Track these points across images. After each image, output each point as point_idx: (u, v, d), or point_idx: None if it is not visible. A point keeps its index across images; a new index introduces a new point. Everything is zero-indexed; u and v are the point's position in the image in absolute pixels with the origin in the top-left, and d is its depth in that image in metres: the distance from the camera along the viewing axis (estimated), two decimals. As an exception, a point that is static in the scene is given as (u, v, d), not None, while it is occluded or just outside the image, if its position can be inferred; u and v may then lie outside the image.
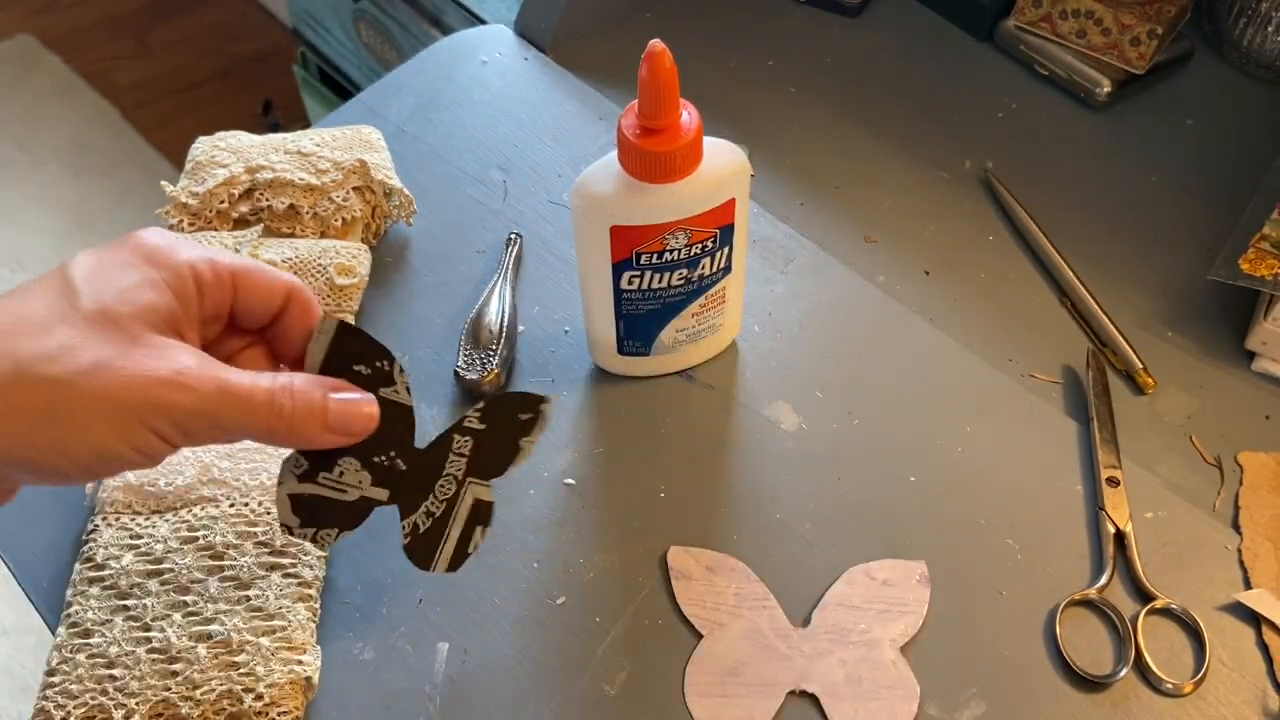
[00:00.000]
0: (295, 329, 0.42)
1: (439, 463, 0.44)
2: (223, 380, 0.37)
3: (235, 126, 0.65)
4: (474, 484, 0.45)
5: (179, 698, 0.44)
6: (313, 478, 0.42)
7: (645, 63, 0.45)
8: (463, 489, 0.44)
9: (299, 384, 0.40)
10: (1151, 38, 0.70)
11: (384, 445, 0.43)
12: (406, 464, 0.43)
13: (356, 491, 0.43)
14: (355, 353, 0.42)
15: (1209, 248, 0.65)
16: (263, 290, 0.41)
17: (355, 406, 0.41)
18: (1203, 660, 0.48)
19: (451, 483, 0.44)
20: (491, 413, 0.44)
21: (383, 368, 0.42)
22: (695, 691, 0.47)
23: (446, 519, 0.45)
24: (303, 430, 0.40)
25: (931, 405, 0.57)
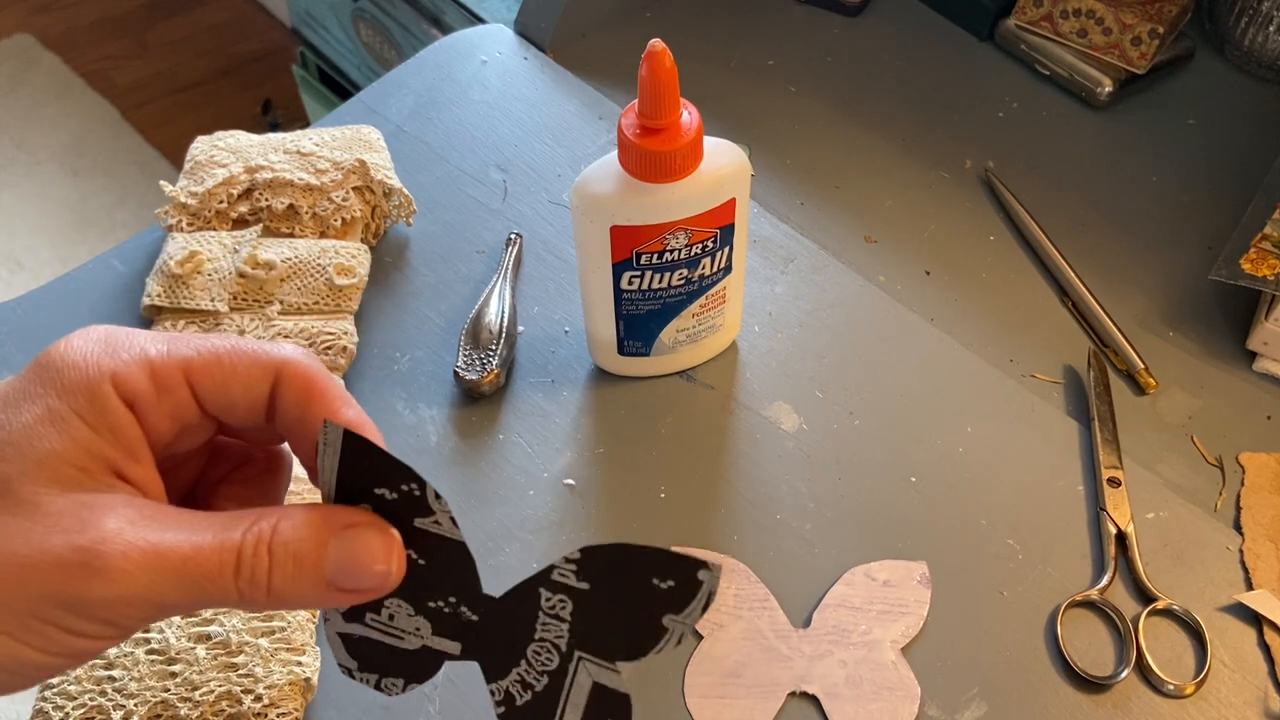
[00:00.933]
0: (300, 422, 0.32)
1: (526, 621, 0.34)
2: (157, 549, 0.27)
3: (235, 126, 0.65)
4: (588, 662, 0.33)
5: (178, 699, 0.44)
6: (359, 618, 0.34)
7: (645, 62, 0.45)
8: (571, 665, 0.34)
9: (284, 529, 0.29)
10: (1153, 37, 0.70)
11: (437, 589, 0.33)
12: (478, 614, 0.34)
13: (417, 640, 0.34)
14: (373, 472, 0.32)
15: (1210, 247, 0.65)
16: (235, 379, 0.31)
17: (368, 548, 0.30)
18: (1204, 661, 0.48)
19: (550, 652, 0.34)
20: (598, 569, 0.32)
21: (412, 491, 0.32)
22: (695, 693, 0.47)
23: (555, 699, 0.34)
24: (291, 596, 0.30)
25: (932, 405, 0.57)
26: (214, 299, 0.56)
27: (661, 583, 0.32)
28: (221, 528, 0.29)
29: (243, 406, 0.31)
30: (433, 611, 0.33)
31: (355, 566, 0.30)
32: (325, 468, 0.31)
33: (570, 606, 0.33)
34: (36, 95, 1.85)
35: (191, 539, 0.28)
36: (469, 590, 0.33)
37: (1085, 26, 0.72)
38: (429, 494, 0.32)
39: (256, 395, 0.31)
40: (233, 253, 0.57)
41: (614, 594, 0.32)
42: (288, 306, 0.56)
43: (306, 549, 0.29)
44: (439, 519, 0.32)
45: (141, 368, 0.29)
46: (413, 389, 0.56)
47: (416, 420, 0.55)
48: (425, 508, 0.32)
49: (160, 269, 0.57)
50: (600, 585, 0.32)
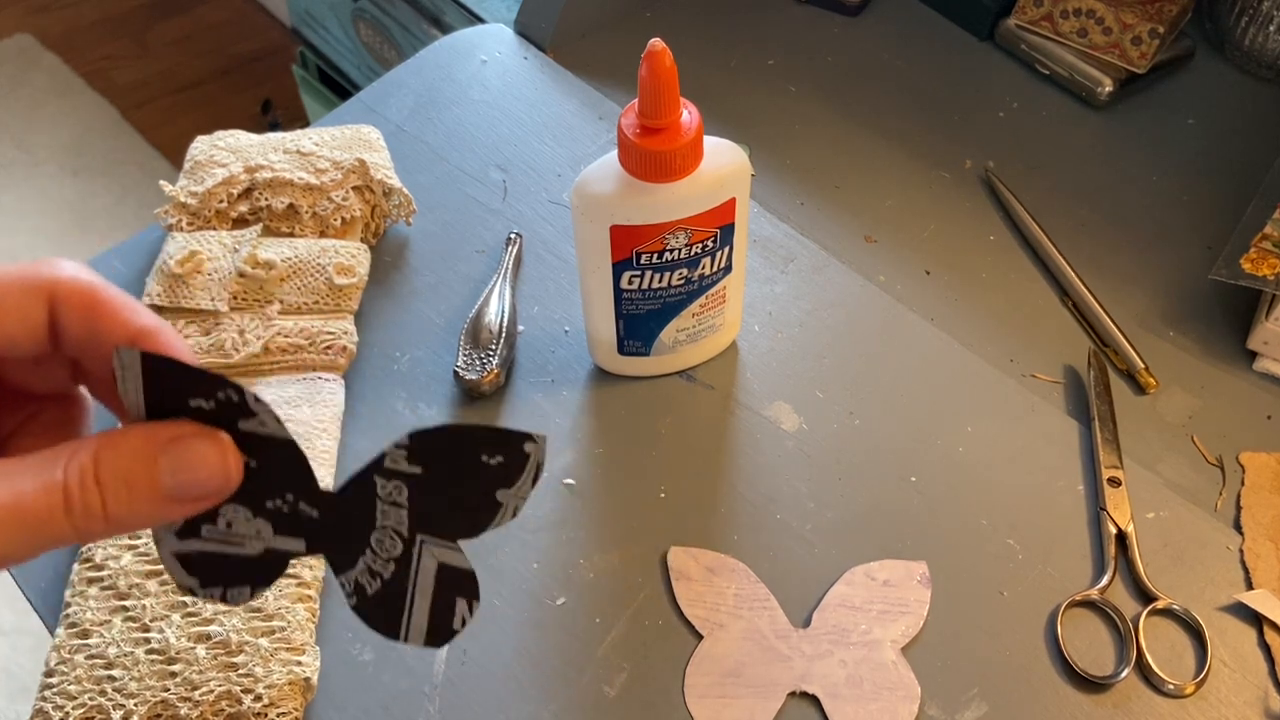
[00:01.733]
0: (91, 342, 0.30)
1: (366, 510, 0.34)
2: None
3: (234, 126, 0.65)
4: (431, 544, 0.34)
5: (178, 698, 0.44)
6: (194, 533, 0.33)
7: (645, 62, 0.45)
8: (415, 549, 0.34)
9: (107, 459, 0.28)
10: (1153, 37, 0.70)
11: (273, 489, 0.33)
12: (318, 509, 0.33)
13: (259, 544, 0.33)
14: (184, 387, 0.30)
15: (1210, 247, 0.65)
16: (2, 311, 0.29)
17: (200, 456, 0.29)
18: (1204, 661, 0.48)
19: (393, 539, 0.34)
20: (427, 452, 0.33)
21: (230, 398, 0.31)
22: (695, 692, 0.47)
23: (404, 583, 0.35)
24: (131, 519, 0.28)
25: (932, 405, 0.57)
26: (214, 298, 0.56)
27: (491, 459, 0.33)
28: (39, 469, 0.28)
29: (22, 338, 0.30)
30: (271, 512, 0.33)
31: (191, 476, 0.29)
32: (129, 390, 0.30)
33: (406, 491, 0.33)
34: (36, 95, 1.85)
35: (10, 487, 0.27)
36: (305, 487, 0.33)
37: (1085, 26, 0.72)
38: (248, 397, 0.31)
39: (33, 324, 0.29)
40: (233, 252, 0.57)
41: (447, 475, 0.33)
42: (288, 306, 0.56)
43: (136, 471, 0.28)
44: (263, 419, 0.31)
45: None
46: (413, 389, 0.56)
47: (416, 420, 0.55)
48: (247, 411, 0.31)
49: (160, 268, 0.57)
50: (433, 467, 0.33)
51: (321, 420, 0.53)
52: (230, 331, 0.55)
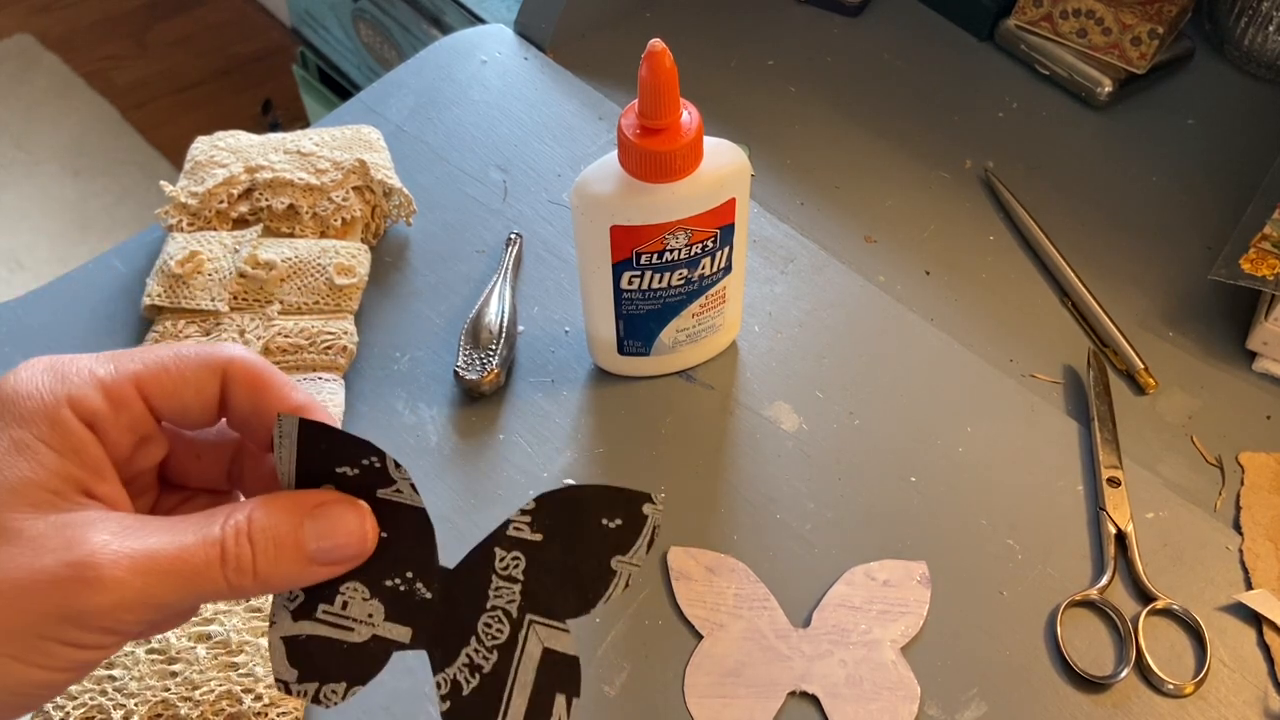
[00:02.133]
0: (253, 416, 0.33)
1: (479, 589, 0.33)
2: (146, 554, 0.28)
3: (235, 126, 0.65)
4: (538, 624, 0.33)
5: (178, 698, 0.44)
6: (310, 613, 0.33)
7: (645, 62, 0.45)
8: (522, 631, 0.33)
9: (259, 518, 0.31)
10: (1152, 37, 0.70)
11: (395, 565, 0.33)
12: (431, 590, 0.33)
13: (367, 629, 0.33)
14: (332, 452, 0.32)
15: (1210, 247, 0.65)
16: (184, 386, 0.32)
17: (341, 523, 0.32)
18: (1204, 661, 0.48)
19: (502, 621, 0.33)
20: (551, 517, 0.32)
21: (373, 465, 0.32)
22: (695, 692, 0.47)
23: (504, 677, 0.33)
24: (276, 578, 0.31)
25: (932, 405, 0.57)
26: (214, 299, 0.56)
27: (610, 522, 0.32)
28: (199, 526, 0.30)
29: (196, 409, 0.32)
30: (388, 591, 0.33)
31: (333, 541, 0.31)
32: (283, 458, 0.32)
33: (523, 563, 0.33)
34: (36, 95, 1.85)
35: (175, 540, 0.29)
36: (426, 563, 0.33)
37: (1085, 26, 0.72)
38: (389, 464, 0.32)
39: (208, 396, 0.32)
40: (233, 253, 0.57)
41: (566, 541, 0.32)
42: (288, 306, 0.56)
43: (284, 531, 0.31)
44: (400, 487, 0.33)
45: (94, 388, 0.30)
46: (413, 389, 0.56)
47: (416, 420, 0.55)
48: (386, 478, 0.33)
49: (160, 269, 0.57)
50: (553, 534, 0.32)
51: (322, 420, 0.53)
52: (230, 332, 0.55)
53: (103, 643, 0.29)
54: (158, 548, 0.29)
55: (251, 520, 0.30)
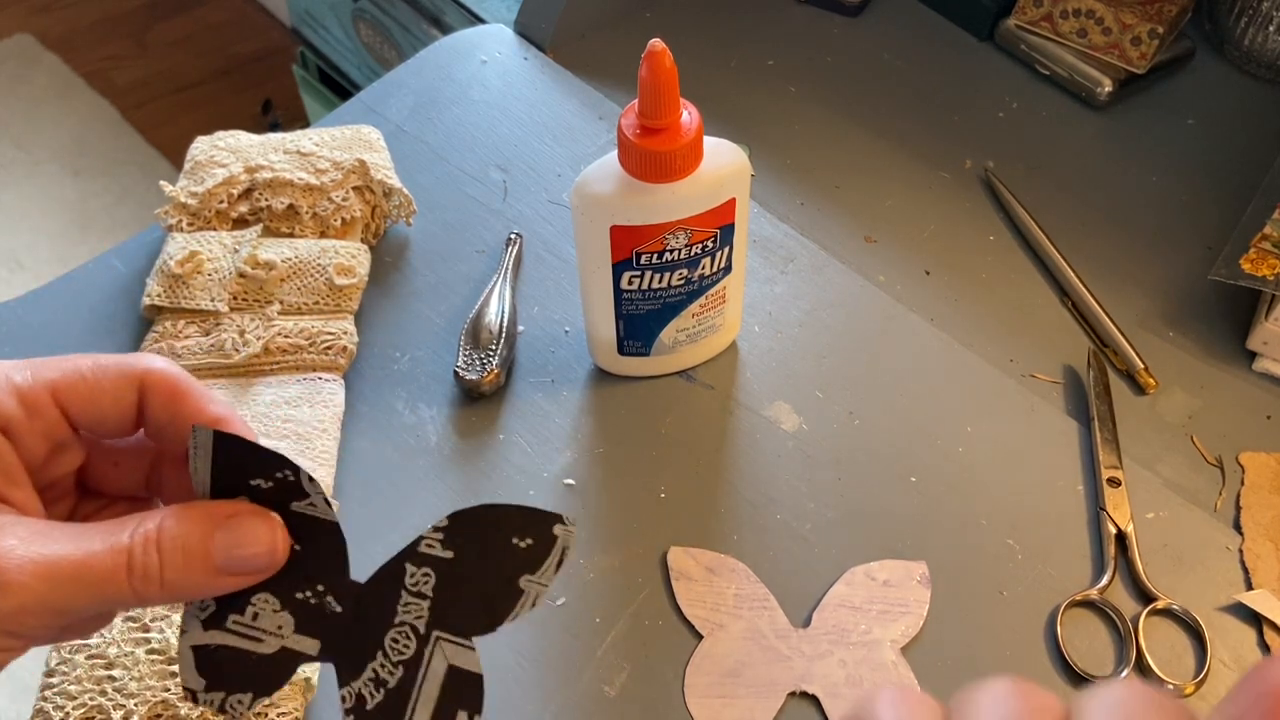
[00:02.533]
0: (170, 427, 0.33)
1: (388, 604, 0.33)
2: (50, 560, 0.28)
3: (235, 126, 0.65)
4: (445, 641, 0.33)
5: (178, 698, 0.44)
6: (220, 623, 0.33)
7: (645, 62, 0.45)
8: (428, 648, 0.33)
9: (169, 526, 0.30)
10: (1152, 37, 0.70)
11: (307, 578, 0.33)
12: (341, 604, 0.33)
13: (276, 640, 0.33)
14: (246, 465, 0.32)
15: (1210, 247, 0.65)
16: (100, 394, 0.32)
17: (251, 534, 0.32)
18: (1204, 661, 0.48)
19: (409, 637, 0.33)
20: (464, 535, 0.32)
21: (286, 478, 0.32)
22: (695, 692, 0.47)
23: (408, 692, 0.33)
24: (183, 586, 0.31)
25: (932, 405, 0.57)
26: (214, 299, 0.56)
27: (520, 541, 0.32)
28: (108, 533, 0.30)
29: (113, 418, 0.33)
30: (298, 604, 0.33)
31: (242, 552, 0.31)
32: (198, 469, 0.32)
33: (433, 580, 0.33)
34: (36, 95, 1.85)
35: (82, 546, 0.29)
36: (337, 576, 0.33)
37: (1085, 26, 0.72)
38: (302, 478, 0.33)
39: (125, 405, 0.33)
40: (233, 253, 0.57)
41: (476, 559, 0.32)
42: (288, 306, 0.56)
43: (193, 542, 0.31)
44: (313, 501, 0.33)
45: (9, 394, 0.30)
46: (413, 389, 0.56)
47: (416, 420, 0.55)
48: (300, 492, 0.33)
49: (160, 269, 0.57)
50: (463, 551, 0.33)
51: (321, 420, 0.53)
52: (230, 332, 0.55)
53: (8, 645, 0.29)
54: (64, 554, 0.29)
55: (161, 529, 0.30)
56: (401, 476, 0.53)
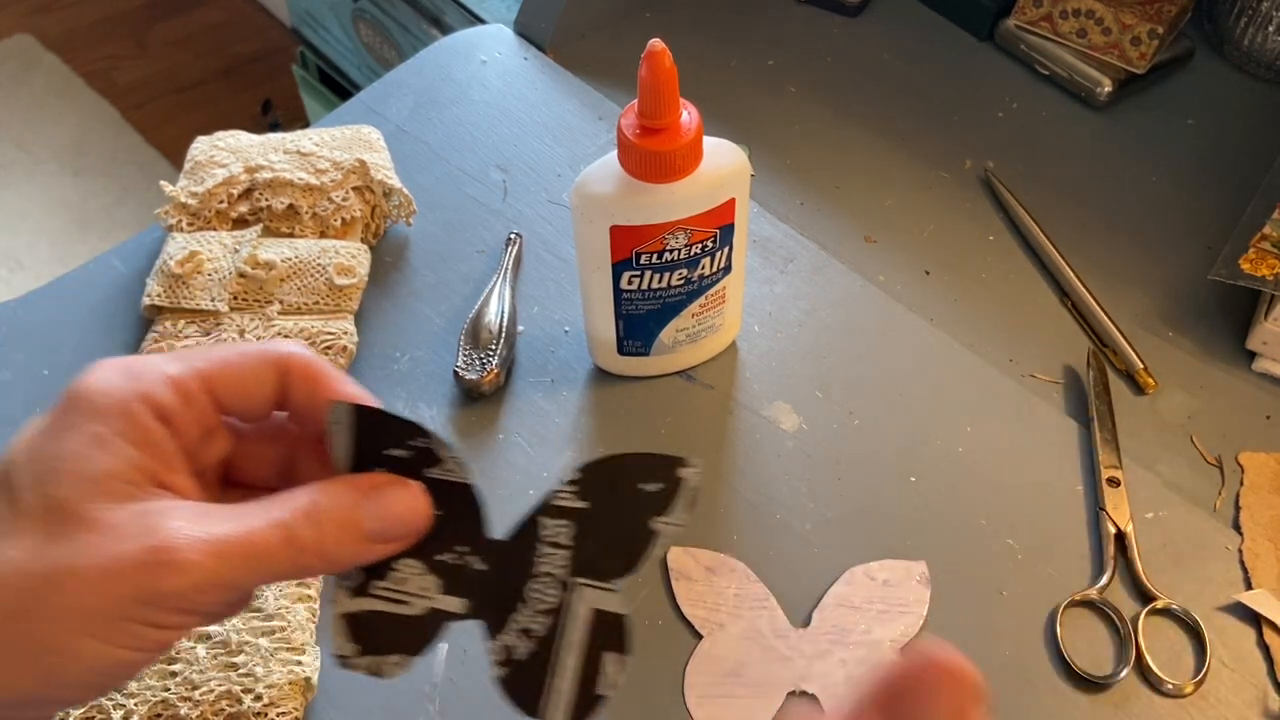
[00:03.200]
0: (309, 408, 0.34)
1: (528, 558, 0.34)
2: (218, 538, 0.30)
3: (235, 126, 0.65)
4: (586, 587, 0.34)
5: (178, 698, 0.44)
6: (367, 590, 0.34)
7: (645, 62, 0.45)
8: (570, 595, 0.34)
9: (323, 501, 0.32)
10: (1152, 37, 0.70)
11: (447, 540, 0.34)
12: (485, 563, 0.34)
13: (422, 602, 0.34)
14: (384, 436, 0.34)
15: (1210, 247, 0.65)
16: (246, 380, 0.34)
17: (396, 502, 0.33)
18: (1203, 661, 0.48)
19: (552, 586, 0.34)
20: (595, 485, 0.34)
21: (421, 447, 0.34)
22: (695, 692, 0.47)
23: (554, 640, 0.34)
24: (340, 556, 0.32)
25: (931, 405, 0.57)
26: (214, 299, 0.56)
27: (649, 486, 0.34)
28: (266, 510, 0.32)
29: (257, 402, 0.34)
30: (441, 566, 0.34)
31: (389, 518, 0.33)
32: (338, 444, 0.33)
33: (570, 530, 0.34)
34: (37, 95, 1.85)
35: (245, 524, 0.31)
36: (476, 536, 0.34)
37: (1085, 26, 0.72)
38: (434, 443, 0.34)
39: (267, 390, 0.34)
40: (233, 253, 0.57)
41: (609, 507, 0.34)
42: (288, 306, 0.56)
43: (344, 512, 0.32)
44: (448, 465, 0.34)
45: (165, 384, 0.32)
46: (413, 389, 0.56)
47: (416, 420, 0.55)
48: (434, 458, 0.34)
49: (160, 269, 0.57)
50: (596, 500, 0.34)
51: (322, 420, 0.53)
52: (230, 332, 0.55)
53: (181, 623, 0.31)
54: (230, 532, 0.31)
55: (315, 503, 0.32)
56: (401, 476, 0.53)
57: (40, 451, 0.31)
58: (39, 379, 0.56)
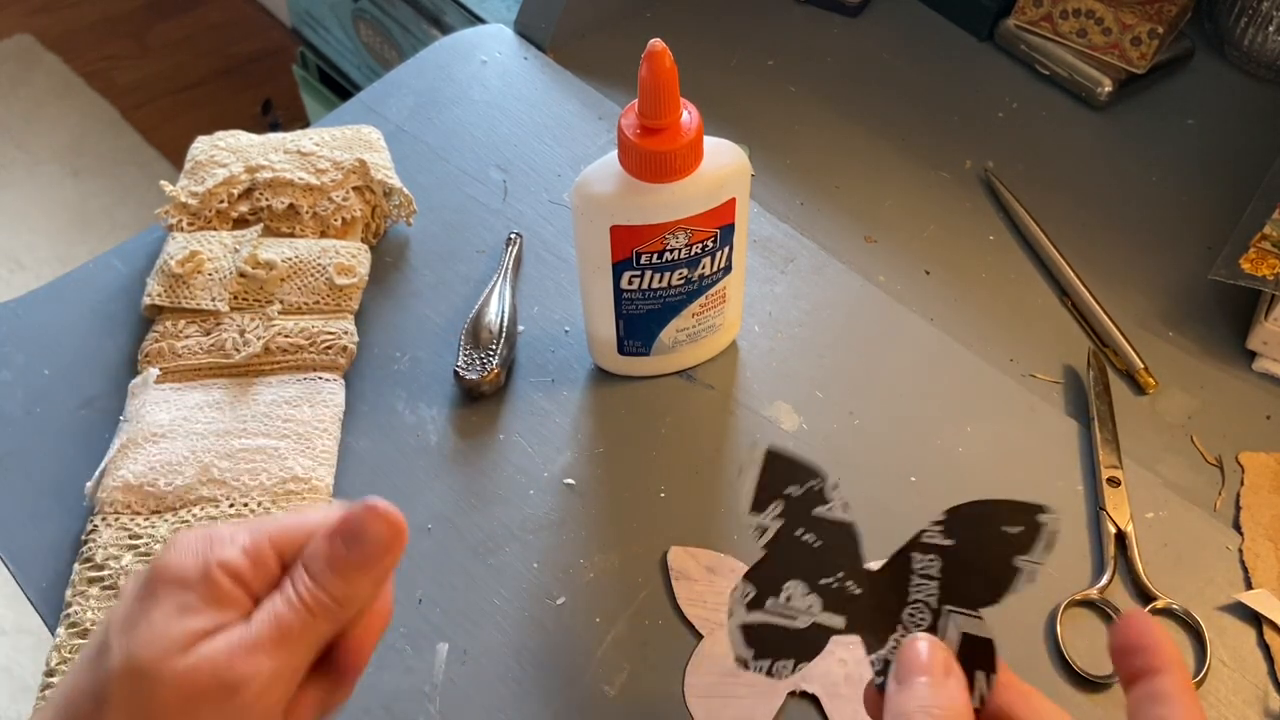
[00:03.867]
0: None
1: (901, 586, 0.39)
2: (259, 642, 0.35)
3: (235, 126, 0.65)
4: (955, 614, 0.38)
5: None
6: (760, 605, 0.39)
7: (645, 62, 0.45)
8: (942, 620, 0.38)
9: (308, 557, 0.36)
10: (1152, 37, 0.70)
11: (829, 567, 0.39)
12: (860, 587, 0.39)
13: (807, 618, 0.39)
14: (787, 475, 0.39)
15: (1210, 247, 0.65)
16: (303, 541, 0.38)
17: (359, 525, 0.36)
18: (1204, 660, 0.48)
19: (924, 611, 0.38)
20: (960, 526, 0.38)
21: (814, 487, 0.39)
22: (695, 692, 0.47)
23: None
24: (350, 593, 0.36)
25: (931, 405, 0.57)
26: (214, 299, 0.56)
27: (1010, 529, 0.38)
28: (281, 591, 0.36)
29: None
30: (823, 588, 0.39)
31: (361, 544, 0.36)
32: (747, 479, 0.38)
33: (940, 564, 0.38)
34: (37, 95, 1.85)
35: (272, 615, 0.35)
36: (854, 565, 0.39)
37: (1085, 27, 0.72)
38: (828, 485, 0.38)
39: None
40: (233, 252, 0.57)
41: (974, 544, 0.38)
42: (288, 306, 0.56)
43: (326, 555, 0.36)
44: (833, 506, 0.39)
45: (239, 551, 0.36)
46: (413, 388, 0.56)
47: (416, 420, 0.55)
48: (824, 498, 0.39)
49: (161, 268, 0.57)
50: (962, 539, 0.38)
51: (322, 420, 0.53)
52: (231, 331, 0.55)
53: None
54: (265, 633, 0.35)
55: (305, 565, 0.36)
56: (401, 476, 0.53)
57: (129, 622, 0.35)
58: (39, 379, 0.56)
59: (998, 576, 0.38)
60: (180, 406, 0.53)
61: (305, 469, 0.51)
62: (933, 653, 0.36)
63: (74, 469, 0.53)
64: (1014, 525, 0.38)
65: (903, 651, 0.37)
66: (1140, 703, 0.36)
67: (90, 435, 0.54)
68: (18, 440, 0.54)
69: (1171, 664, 0.36)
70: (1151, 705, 0.36)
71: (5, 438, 0.55)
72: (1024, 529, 0.38)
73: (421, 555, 0.51)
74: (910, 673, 0.36)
